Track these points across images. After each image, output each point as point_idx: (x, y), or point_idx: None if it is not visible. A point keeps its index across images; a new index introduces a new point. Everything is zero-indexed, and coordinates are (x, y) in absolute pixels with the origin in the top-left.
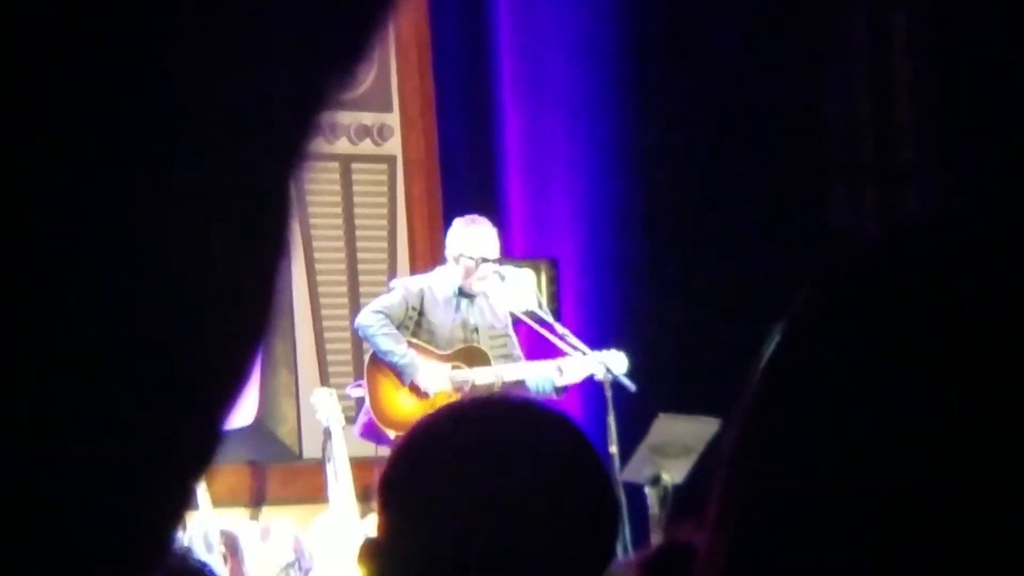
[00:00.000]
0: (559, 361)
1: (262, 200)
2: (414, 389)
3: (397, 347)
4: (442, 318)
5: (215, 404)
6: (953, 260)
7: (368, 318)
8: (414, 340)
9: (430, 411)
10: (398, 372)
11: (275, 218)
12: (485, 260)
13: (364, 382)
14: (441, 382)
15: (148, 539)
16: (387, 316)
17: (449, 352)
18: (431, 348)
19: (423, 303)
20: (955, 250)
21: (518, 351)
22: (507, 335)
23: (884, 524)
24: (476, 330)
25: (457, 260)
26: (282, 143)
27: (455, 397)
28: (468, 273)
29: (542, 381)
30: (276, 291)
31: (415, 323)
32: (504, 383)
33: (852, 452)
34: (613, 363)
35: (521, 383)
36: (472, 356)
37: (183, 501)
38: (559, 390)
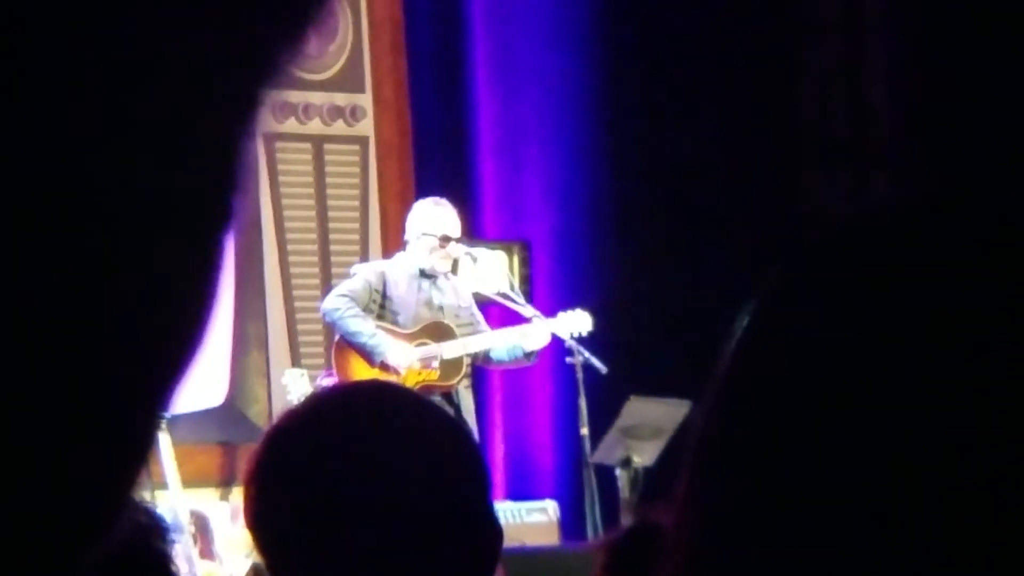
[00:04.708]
0: (522, 327)
1: (208, 166)
2: (384, 369)
3: (364, 328)
4: (405, 298)
5: (164, 364)
6: (925, 242)
7: (334, 302)
8: (379, 323)
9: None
10: (367, 353)
11: (223, 184)
12: (447, 238)
13: (333, 368)
14: (409, 359)
15: (99, 495)
16: (352, 299)
17: (414, 330)
18: (396, 328)
19: (385, 285)
20: (927, 232)
21: (484, 328)
22: (472, 314)
23: (853, 505)
24: (441, 308)
25: (419, 239)
26: (230, 107)
27: (425, 373)
28: (432, 251)
29: (511, 348)
30: (223, 252)
31: (379, 306)
32: (471, 355)
33: (820, 433)
34: (577, 323)
35: (489, 353)
36: (437, 331)
37: (131, 464)
38: (530, 355)
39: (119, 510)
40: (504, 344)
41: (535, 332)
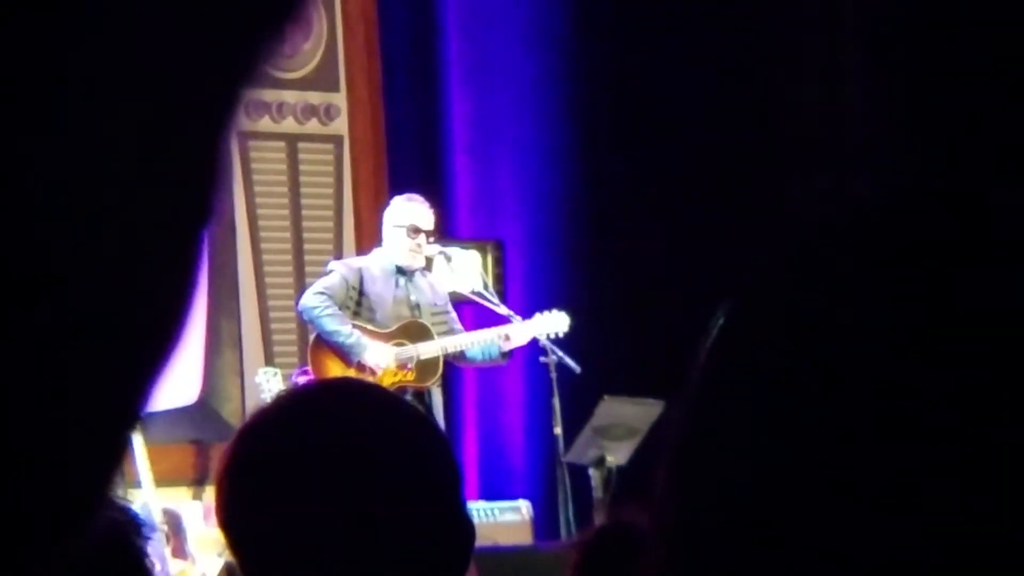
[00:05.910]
0: (502, 328)
1: (187, 163)
2: (360, 369)
3: (342, 327)
4: (383, 295)
5: (143, 362)
6: (901, 243)
7: (311, 300)
8: (356, 322)
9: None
10: (344, 352)
11: (201, 182)
12: (417, 229)
13: (309, 366)
14: (386, 360)
15: (77, 493)
16: (330, 297)
17: (391, 329)
18: (373, 328)
19: (362, 282)
20: (902, 233)
21: (459, 326)
22: (447, 311)
23: (825, 506)
24: (418, 306)
25: (391, 232)
26: (209, 105)
27: (401, 375)
28: (403, 244)
29: (487, 348)
30: (201, 250)
31: (355, 303)
32: (448, 354)
33: (793, 434)
34: (555, 323)
35: (464, 352)
36: (414, 331)
37: (109, 463)
38: (505, 355)
39: (98, 508)
40: (480, 344)
41: (513, 333)
